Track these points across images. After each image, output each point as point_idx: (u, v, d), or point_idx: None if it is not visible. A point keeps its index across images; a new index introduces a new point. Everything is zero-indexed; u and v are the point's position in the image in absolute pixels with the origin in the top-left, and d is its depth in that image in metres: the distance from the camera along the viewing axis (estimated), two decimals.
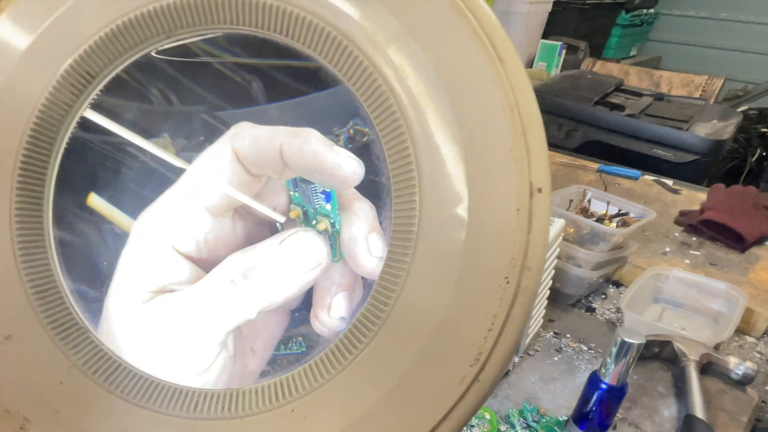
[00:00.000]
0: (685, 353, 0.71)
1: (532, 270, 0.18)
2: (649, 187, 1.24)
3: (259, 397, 0.21)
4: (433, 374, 0.18)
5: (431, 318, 0.18)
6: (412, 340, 0.18)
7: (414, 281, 0.18)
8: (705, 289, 0.87)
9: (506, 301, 0.18)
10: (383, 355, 0.18)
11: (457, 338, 0.18)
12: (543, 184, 0.18)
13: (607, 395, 0.60)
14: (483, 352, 0.18)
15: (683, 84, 1.73)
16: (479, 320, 0.18)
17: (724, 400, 0.69)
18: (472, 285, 0.18)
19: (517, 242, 0.17)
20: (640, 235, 1.01)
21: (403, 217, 0.18)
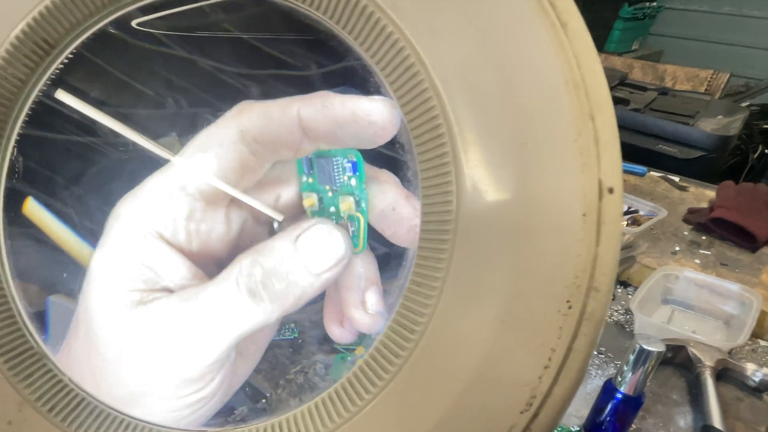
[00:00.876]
0: (700, 359, 0.68)
1: (600, 291, 0.14)
2: (656, 184, 1.21)
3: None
4: (474, 424, 0.14)
5: (471, 352, 0.14)
6: (447, 380, 0.14)
7: (448, 303, 0.14)
8: (717, 291, 0.84)
9: (568, 331, 0.14)
10: (408, 399, 0.15)
11: (504, 378, 0.14)
12: (615, 182, 0.14)
13: (623, 405, 0.56)
14: (537, 395, 0.14)
15: (688, 78, 1.70)
16: (533, 355, 0.14)
17: (740, 408, 0.66)
18: (524, 310, 0.14)
19: (583, 256, 0.14)
20: (649, 234, 0.97)
21: (435, 222, 0.15)
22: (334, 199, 0.19)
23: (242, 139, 0.18)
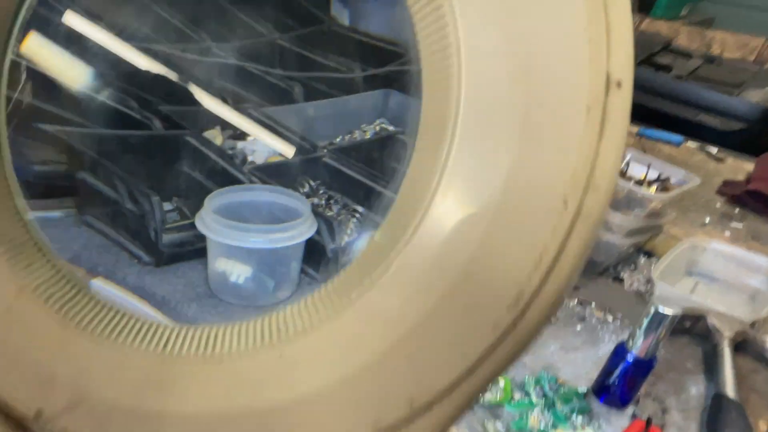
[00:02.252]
0: (718, 329, 0.66)
1: (599, 191, 0.13)
2: (691, 154, 1.16)
3: (242, 337, 0.17)
4: (460, 317, 0.14)
5: (464, 246, 0.14)
6: (438, 271, 0.14)
7: (445, 193, 0.14)
8: (744, 264, 0.81)
9: (561, 231, 0.13)
10: (398, 289, 0.14)
11: (494, 274, 0.13)
12: (624, 76, 0.13)
13: (633, 368, 0.56)
14: (525, 292, 0.14)
15: (738, 46, 1.61)
16: (524, 253, 0.13)
17: (756, 380, 0.64)
18: (518, 208, 0.13)
19: (583, 152, 0.13)
20: (679, 204, 0.94)
21: (435, 110, 0.14)
22: None
23: None
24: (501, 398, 0.57)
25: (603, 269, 0.82)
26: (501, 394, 0.57)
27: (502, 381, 0.59)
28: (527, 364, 0.63)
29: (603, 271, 0.82)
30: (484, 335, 0.14)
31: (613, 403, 0.58)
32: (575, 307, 0.74)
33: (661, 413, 0.58)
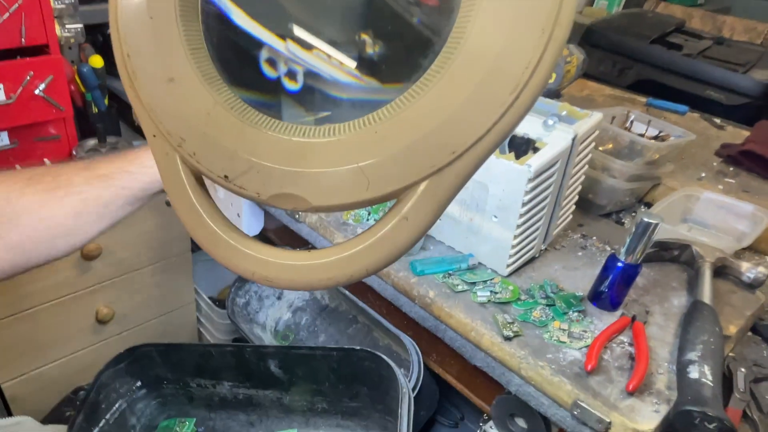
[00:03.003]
0: (702, 255, 0.77)
1: (563, 26, 0.25)
2: (695, 122, 1.25)
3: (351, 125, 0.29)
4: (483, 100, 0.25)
5: (489, 56, 0.25)
6: (473, 74, 0.25)
7: (480, 28, 0.25)
8: (733, 211, 0.91)
9: (540, 47, 0.25)
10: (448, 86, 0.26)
11: (504, 73, 0.25)
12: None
13: (622, 274, 0.66)
14: (520, 84, 0.25)
15: (746, 30, 1.68)
16: (521, 60, 0.25)
17: (732, 297, 0.75)
18: (519, 31, 0.25)
19: (554, 8, 0.24)
20: (678, 162, 1.04)
21: None
22: None
23: None
24: (510, 298, 0.68)
25: (606, 213, 0.92)
26: (510, 295, 0.69)
27: (512, 287, 0.70)
28: (534, 277, 0.74)
29: (606, 215, 0.93)
30: (496, 110, 0.25)
31: (604, 307, 0.69)
32: (578, 239, 0.84)
33: (645, 314, 0.69)
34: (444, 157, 0.27)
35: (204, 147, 0.31)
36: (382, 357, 0.65)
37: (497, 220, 0.69)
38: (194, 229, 0.32)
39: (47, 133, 1.12)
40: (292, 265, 0.30)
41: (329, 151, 0.29)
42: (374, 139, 0.28)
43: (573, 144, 0.65)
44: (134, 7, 0.31)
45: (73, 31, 1.10)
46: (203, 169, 0.31)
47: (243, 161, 0.30)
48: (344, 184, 0.28)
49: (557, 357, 0.62)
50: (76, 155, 1.12)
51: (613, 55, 1.54)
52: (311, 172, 0.29)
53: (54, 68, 1.02)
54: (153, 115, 0.32)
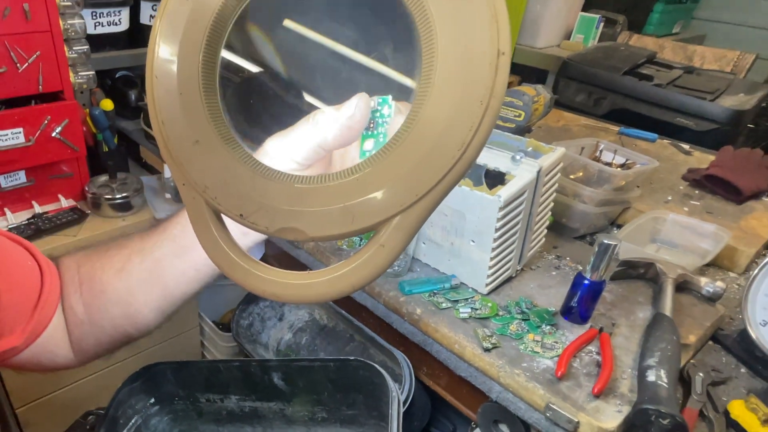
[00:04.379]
0: (665, 272, 0.84)
1: (496, 97, 0.33)
2: (664, 149, 1.34)
3: (339, 174, 0.37)
4: (438, 155, 0.33)
5: (439, 126, 0.33)
6: (427, 140, 0.33)
7: (431, 104, 0.34)
8: (697, 231, 0.99)
9: (479, 115, 0.33)
10: (409, 149, 0.34)
11: (453, 136, 0.33)
12: (506, 50, 0.33)
13: (588, 290, 0.74)
14: (466, 142, 0.33)
15: (716, 59, 1.79)
16: (466, 125, 0.33)
17: (693, 310, 0.82)
18: (463, 105, 0.33)
19: (489, 81, 0.33)
20: (647, 186, 1.13)
21: (426, 68, 0.34)
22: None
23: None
24: (489, 313, 0.76)
25: (579, 235, 1.00)
26: (489, 311, 0.76)
27: (490, 303, 0.78)
28: (511, 295, 0.82)
29: (580, 237, 1.01)
30: (448, 162, 0.33)
31: (575, 320, 0.76)
32: (553, 260, 0.92)
33: (612, 326, 0.77)
34: (410, 198, 0.35)
35: (223, 192, 0.39)
36: (374, 365, 0.72)
37: (475, 244, 0.77)
38: (216, 257, 0.40)
39: (61, 171, 1.20)
40: (294, 283, 0.38)
41: (322, 194, 0.37)
42: (356, 185, 0.36)
43: (538, 176, 0.73)
44: (167, 86, 0.39)
45: (85, 78, 1.19)
46: (222, 209, 0.39)
47: (255, 203, 0.38)
48: (334, 219, 0.36)
49: (531, 365, 0.69)
50: (88, 190, 1.20)
51: (589, 86, 1.64)
52: (308, 210, 0.37)
53: (69, 113, 1.11)
54: (182, 168, 0.40)
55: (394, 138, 0.36)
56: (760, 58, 1.78)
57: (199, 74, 0.39)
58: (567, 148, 1.05)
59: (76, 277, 0.55)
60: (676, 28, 2.58)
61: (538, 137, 1.27)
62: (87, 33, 1.17)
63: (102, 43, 1.31)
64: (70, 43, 1.15)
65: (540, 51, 2.01)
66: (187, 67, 0.40)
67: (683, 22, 2.62)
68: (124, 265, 0.54)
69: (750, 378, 0.73)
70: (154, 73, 0.40)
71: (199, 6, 0.39)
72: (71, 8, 1.12)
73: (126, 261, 0.54)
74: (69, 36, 1.13)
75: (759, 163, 1.16)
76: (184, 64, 0.40)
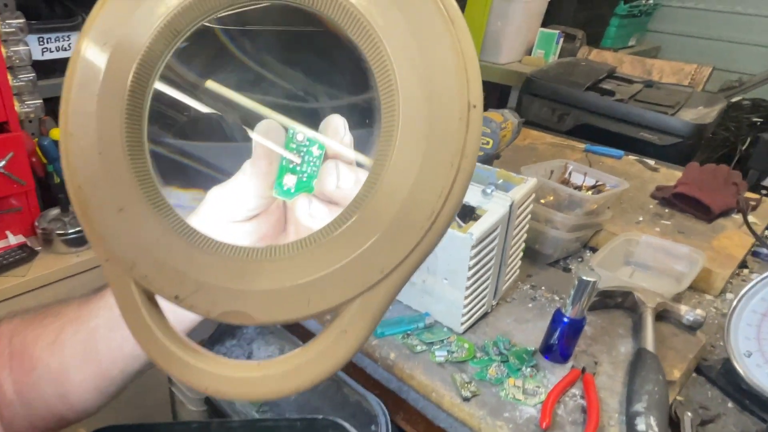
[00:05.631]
0: (643, 302, 0.81)
1: (468, 158, 0.28)
2: (630, 166, 1.33)
3: (289, 247, 0.31)
4: (404, 226, 0.28)
5: (403, 192, 0.28)
6: (390, 208, 0.28)
7: (392, 170, 0.28)
8: (671, 252, 0.97)
9: (451, 178, 0.28)
10: (371, 218, 0.29)
11: (420, 203, 0.28)
12: (477, 102, 0.28)
13: (568, 328, 0.70)
14: (435, 211, 0.28)
15: (674, 72, 1.82)
16: (434, 191, 0.28)
17: (675, 341, 0.79)
18: (430, 168, 0.28)
19: (459, 140, 0.28)
20: (617, 206, 1.11)
21: (387, 126, 0.29)
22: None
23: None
24: (466, 356, 0.71)
25: (553, 261, 0.97)
26: (466, 353, 0.71)
27: (467, 344, 0.73)
28: (487, 332, 0.77)
29: (553, 263, 0.97)
30: (417, 234, 0.28)
31: (555, 359, 0.72)
32: (528, 290, 0.88)
33: (594, 365, 0.73)
34: (374, 276, 0.30)
35: (155, 270, 0.33)
36: (343, 425, 0.66)
37: (448, 282, 0.72)
38: (148, 347, 0.34)
39: (9, 205, 1.11)
40: (242, 378, 0.32)
41: (272, 270, 0.31)
42: (311, 260, 0.31)
43: (511, 210, 0.69)
44: (85, 143, 0.33)
45: (33, 107, 1.11)
46: (155, 289, 0.33)
47: (192, 282, 0.32)
48: (287, 301, 0.31)
49: (514, 415, 0.64)
50: (38, 226, 1.11)
51: (552, 103, 1.64)
52: (256, 291, 0.31)
53: (14, 145, 1.03)
54: (104, 242, 0.33)
55: (353, 205, 0.31)
56: (716, 69, 1.81)
57: (122, 129, 0.33)
58: (536, 171, 1.02)
59: (7, 349, 0.47)
60: (632, 41, 2.63)
61: (505, 158, 1.24)
62: (34, 59, 1.10)
63: (51, 70, 1.23)
64: (15, 71, 1.08)
65: (502, 67, 2.00)
66: (108, 121, 0.33)
67: (638, 36, 2.67)
68: (57, 337, 0.47)
69: (738, 413, 0.70)
70: (68, 129, 0.34)
71: (120, 51, 0.33)
72: (15, 35, 1.05)
73: (60, 332, 0.47)
74: (13, 64, 1.06)
75: (726, 179, 1.15)
76: (104, 118, 0.33)
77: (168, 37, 0.32)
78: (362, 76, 0.30)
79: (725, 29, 2.67)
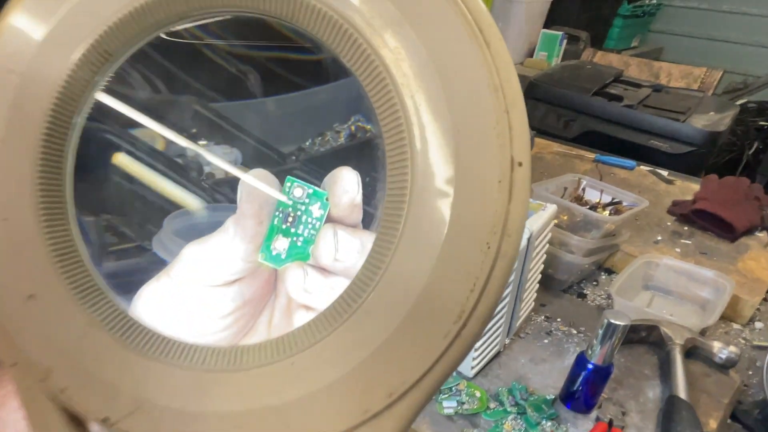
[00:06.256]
0: (671, 337, 0.73)
1: (512, 237, 0.20)
2: (643, 177, 1.26)
3: (262, 353, 0.23)
4: (420, 331, 0.20)
5: (419, 281, 0.20)
6: (402, 301, 0.20)
7: (404, 248, 0.20)
8: (694, 277, 0.89)
9: (487, 265, 0.19)
10: (374, 315, 0.20)
11: (442, 298, 0.20)
12: (523, 158, 0.20)
13: (593, 375, 0.62)
14: (465, 310, 0.20)
15: (682, 76, 1.74)
16: (462, 282, 0.19)
17: (707, 382, 0.71)
18: (456, 251, 0.19)
19: (499, 211, 0.19)
20: (633, 224, 1.03)
21: (396, 188, 0.20)
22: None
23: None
24: (478, 407, 0.63)
25: (567, 286, 0.89)
26: (478, 404, 0.63)
27: (479, 392, 0.65)
28: (501, 376, 0.69)
29: (567, 289, 0.89)
30: (439, 343, 0.20)
31: (578, 409, 0.64)
32: (542, 322, 0.80)
33: (622, 415, 0.65)
34: (378, 401, 0.21)
35: (77, 381, 0.24)
36: None
37: None
38: None
39: None
40: None
41: (238, 384, 0.23)
42: (290, 374, 0.22)
43: (529, 242, 0.61)
44: None
45: None
46: (77, 407, 0.24)
47: (128, 399, 0.23)
48: (259, 428, 0.22)
49: None
50: None
51: (557, 108, 1.55)
52: (215, 412, 0.23)
53: None
54: (10, 339, 0.25)
55: (349, 295, 0.22)
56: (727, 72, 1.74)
57: (34, 187, 0.24)
58: (548, 189, 0.94)
59: None
60: (635, 42, 2.55)
61: None
62: None
63: None
64: None
65: None
66: (14, 175, 0.25)
67: (641, 36, 2.60)
68: None
69: None
70: None
71: (32, 79, 0.24)
72: None
73: None
74: None
75: (747, 193, 1.08)
76: (9, 172, 0.25)
77: (98, 60, 0.24)
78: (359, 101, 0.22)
79: (730, 30, 2.60)
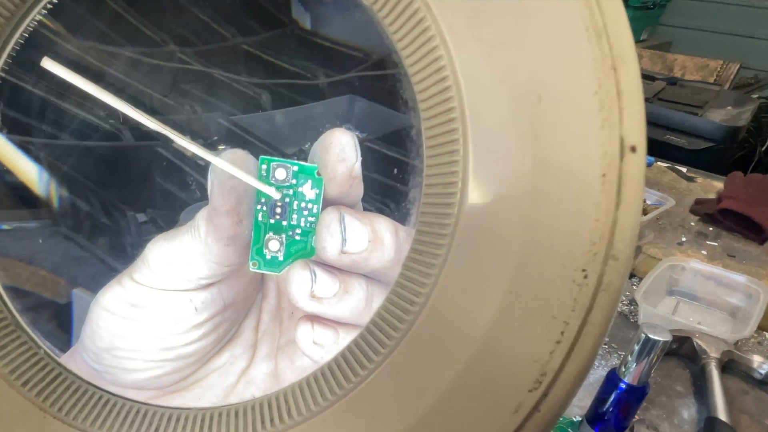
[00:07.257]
0: (705, 350, 0.67)
1: (619, 260, 0.13)
2: (663, 174, 1.19)
3: (240, 423, 0.16)
4: (478, 403, 0.13)
5: (475, 324, 0.13)
6: (448, 356, 0.13)
7: (451, 273, 0.13)
8: (723, 282, 0.82)
9: (583, 303, 0.12)
10: (406, 375, 0.13)
11: (511, 353, 0.13)
12: (638, 140, 0.13)
13: (626, 396, 0.55)
14: (548, 372, 0.13)
15: (697, 68, 1.67)
16: (544, 328, 0.13)
17: (746, 401, 0.65)
18: (534, 280, 0.13)
19: (601, 221, 0.12)
20: (655, 224, 0.96)
21: (439, 184, 0.13)
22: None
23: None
24: None
25: None
26: None
27: None
28: None
29: None
30: (505, 420, 0.13)
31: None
32: None
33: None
34: None
35: None
36: None
37: None
38: None
39: None
40: None
41: None
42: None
43: None
44: None
45: None
46: None
47: None
48: None
49: None
50: None
51: None
52: None
53: None
54: None
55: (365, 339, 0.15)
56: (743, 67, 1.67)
57: None
58: None
59: None
60: (644, 35, 2.48)
61: None
62: None
63: None
64: None
65: None
66: None
67: (650, 29, 2.53)
68: None
69: None
70: None
71: None
72: None
73: None
74: None
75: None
76: None
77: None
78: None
79: (741, 23, 2.53)
